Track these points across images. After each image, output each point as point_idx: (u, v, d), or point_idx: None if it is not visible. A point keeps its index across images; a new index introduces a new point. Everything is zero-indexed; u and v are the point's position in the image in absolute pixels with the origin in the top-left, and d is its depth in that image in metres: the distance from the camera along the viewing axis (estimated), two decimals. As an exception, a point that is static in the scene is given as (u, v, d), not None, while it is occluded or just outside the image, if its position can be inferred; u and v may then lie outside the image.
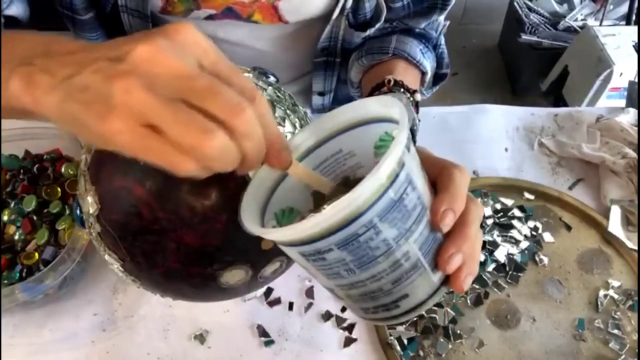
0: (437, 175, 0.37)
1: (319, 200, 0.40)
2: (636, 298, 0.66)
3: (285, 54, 0.77)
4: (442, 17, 0.73)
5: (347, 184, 0.40)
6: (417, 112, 0.64)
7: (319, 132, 0.38)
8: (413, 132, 0.61)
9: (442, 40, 0.76)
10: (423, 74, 0.71)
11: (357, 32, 0.70)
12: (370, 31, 0.70)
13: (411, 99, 0.63)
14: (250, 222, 0.34)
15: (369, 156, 0.39)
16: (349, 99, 0.90)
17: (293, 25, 0.71)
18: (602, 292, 0.66)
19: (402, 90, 0.63)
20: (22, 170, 0.67)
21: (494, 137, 0.83)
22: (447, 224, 0.34)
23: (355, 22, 0.70)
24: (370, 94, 0.65)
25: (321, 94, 0.85)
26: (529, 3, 2.03)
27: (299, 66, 0.82)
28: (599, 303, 0.66)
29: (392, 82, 0.63)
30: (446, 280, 0.36)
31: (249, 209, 0.35)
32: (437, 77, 0.79)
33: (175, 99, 0.27)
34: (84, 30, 0.70)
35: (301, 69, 0.83)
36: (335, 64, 0.78)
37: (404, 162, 0.31)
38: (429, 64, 0.71)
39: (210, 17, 0.67)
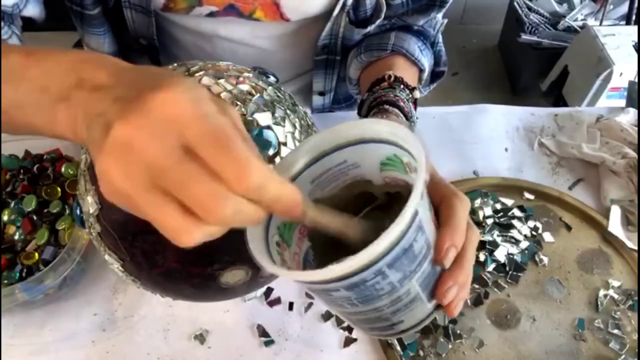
0: (439, 204, 0.38)
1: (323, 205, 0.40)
2: (636, 298, 0.66)
3: (286, 52, 0.77)
4: (440, 15, 0.74)
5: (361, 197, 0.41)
6: (415, 109, 0.64)
7: (325, 143, 0.38)
8: (411, 128, 0.61)
9: (440, 38, 0.77)
10: (421, 71, 0.71)
11: (358, 29, 0.71)
12: (370, 28, 0.71)
13: (410, 95, 0.63)
14: (259, 253, 0.34)
15: (373, 170, 0.39)
16: (349, 98, 0.90)
17: (294, 24, 0.71)
18: (602, 292, 0.66)
19: (402, 86, 0.63)
20: (22, 170, 0.67)
21: (494, 137, 0.83)
22: (449, 260, 0.35)
23: (355, 18, 0.70)
24: (370, 90, 0.65)
25: (322, 93, 0.85)
26: (529, 3, 2.03)
27: (300, 64, 0.82)
28: (599, 303, 0.66)
29: (392, 78, 0.64)
30: (439, 305, 0.38)
31: (255, 234, 0.35)
32: (435, 75, 0.79)
33: (152, 186, 0.27)
34: (91, 26, 0.70)
35: (301, 67, 0.83)
36: (335, 62, 0.78)
37: (417, 212, 0.31)
38: (426, 61, 0.72)
39: (211, 14, 0.67)
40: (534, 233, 0.71)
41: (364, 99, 0.65)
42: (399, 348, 0.60)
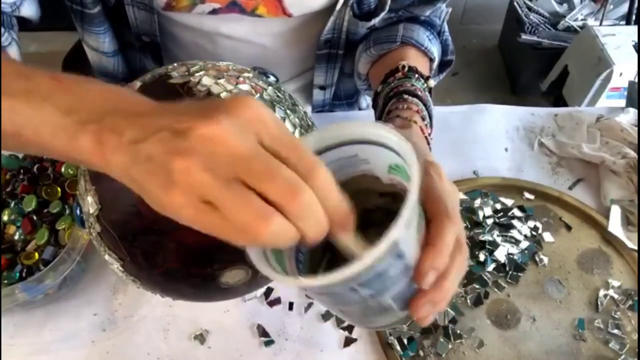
0: (430, 221, 0.37)
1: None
2: (636, 298, 0.66)
3: (288, 49, 0.77)
4: (444, 5, 0.74)
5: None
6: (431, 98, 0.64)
7: (341, 135, 0.38)
8: (430, 116, 0.61)
9: (446, 27, 0.76)
10: (431, 60, 0.71)
11: (362, 22, 0.70)
12: (375, 20, 0.70)
13: (426, 85, 0.63)
14: (257, 258, 0.34)
15: (382, 170, 0.39)
16: (351, 95, 0.90)
17: (296, 19, 0.71)
18: (602, 292, 0.66)
19: (416, 75, 0.63)
20: (22, 170, 0.67)
21: (494, 137, 0.83)
22: (427, 282, 0.35)
23: (360, 12, 0.70)
24: (384, 81, 0.64)
25: (322, 87, 0.84)
26: (529, 3, 2.03)
27: (302, 62, 0.82)
28: (599, 303, 0.66)
29: (406, 68, 0.63)
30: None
31: None
32: (443, 64, 0.79)
33: (233, 179, 0.28)
34: (92, 25, 0.70)
35: (304, 65, 0.83)
36: (337, 56, 0.78)
37: (398, 241, 0.31)
38: (436, 51, 0.71)
39: (213, 12, 0.67)
40: (534, 233, 0.71)
41: (378, 91, 0.64)
42: (398, 348, 0.61)
